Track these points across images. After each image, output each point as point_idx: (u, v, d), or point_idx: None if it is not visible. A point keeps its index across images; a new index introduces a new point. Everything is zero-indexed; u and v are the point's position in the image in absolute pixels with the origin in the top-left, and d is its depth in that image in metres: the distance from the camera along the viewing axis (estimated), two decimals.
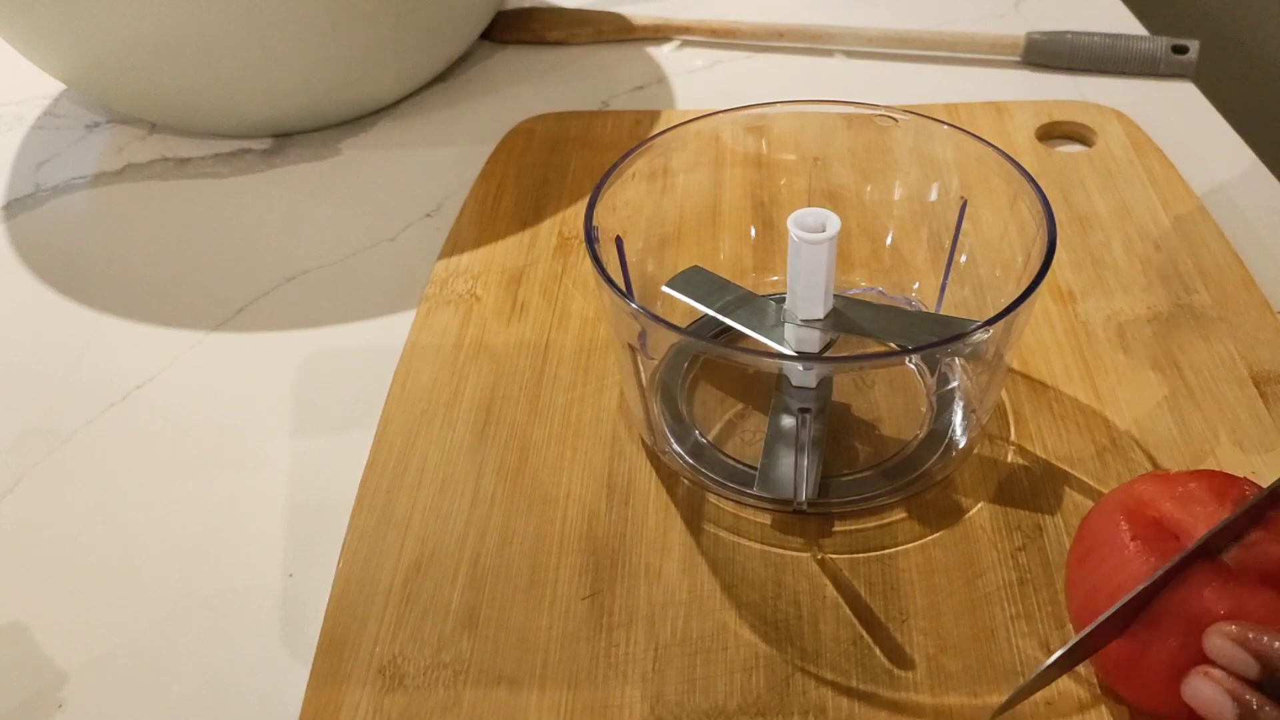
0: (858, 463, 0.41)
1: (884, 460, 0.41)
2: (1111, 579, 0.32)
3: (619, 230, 0.42)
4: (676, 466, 0.42)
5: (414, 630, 0.37)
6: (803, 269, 0.40)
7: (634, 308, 0.36)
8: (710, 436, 0.43)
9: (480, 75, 0.70)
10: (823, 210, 0.39)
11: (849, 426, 0.43)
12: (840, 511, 0.40)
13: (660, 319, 0.36)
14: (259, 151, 0.63)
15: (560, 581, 0.38)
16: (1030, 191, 0.39)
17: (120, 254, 0.56)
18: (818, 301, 0.41)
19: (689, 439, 0.43)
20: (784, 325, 0.42)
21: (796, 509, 0.40)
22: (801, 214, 0.39)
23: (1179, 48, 0.64)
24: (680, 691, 0.34)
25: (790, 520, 0.39)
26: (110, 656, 0.38)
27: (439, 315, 0.49)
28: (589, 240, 0.39)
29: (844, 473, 0.41)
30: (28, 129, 0.67)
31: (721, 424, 0.43)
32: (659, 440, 0.42)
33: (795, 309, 0.41)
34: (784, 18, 0.71)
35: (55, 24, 0.56)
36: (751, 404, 0.44)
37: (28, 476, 0.44)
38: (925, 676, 0.34)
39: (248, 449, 0.45)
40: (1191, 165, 0.56)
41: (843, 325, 0.41)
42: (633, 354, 0.40)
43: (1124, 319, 0.47)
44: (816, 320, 0.41)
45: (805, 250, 0.39)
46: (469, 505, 0.41)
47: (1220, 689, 0.28)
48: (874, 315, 0.43)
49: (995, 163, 0.41)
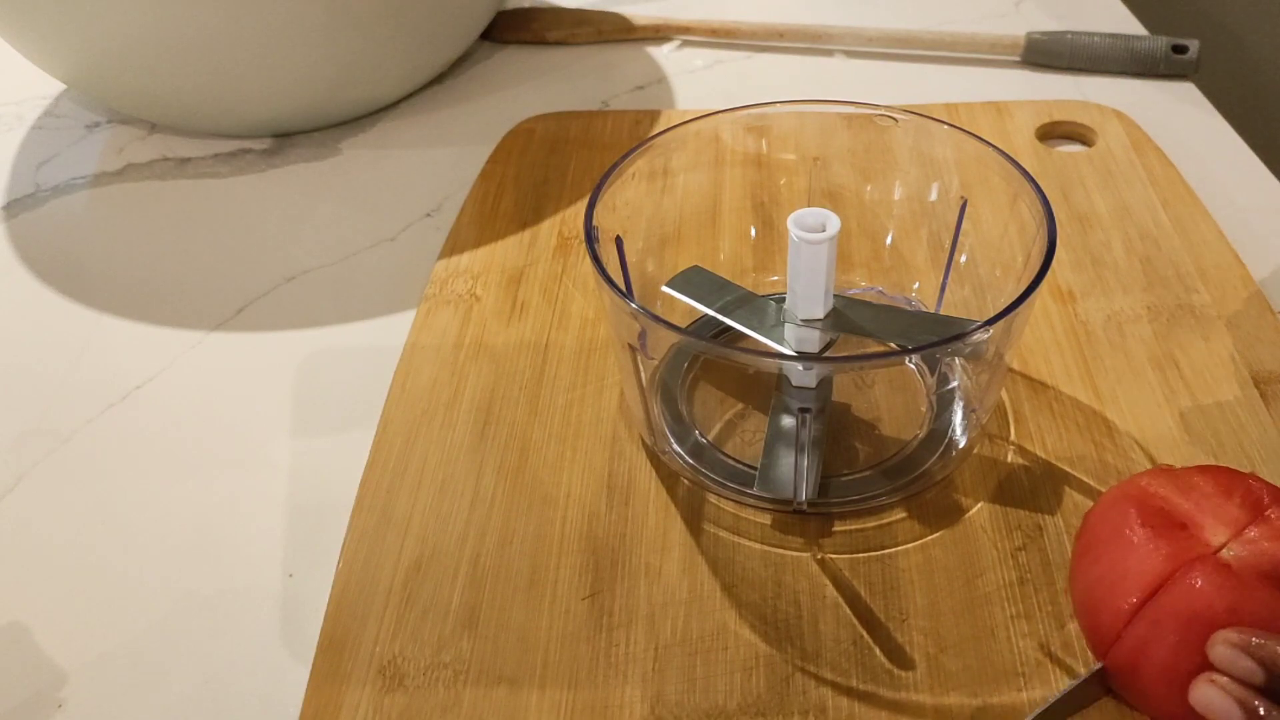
0: (857, 463, 0.41)
1: (884, 460, 0.41)
2: (1118, 566, 0.32)
3: (619, 230, 0.42)
4: (677, 466, 0.42)
5: (414, 630, 0.37)
6: (803, 269, 0.40)
7: (634, 307, 0.36)
8: (710, 436, 0.43)
9: (480, 75, 0.70)
10: (823, 210, 0.39)
11: (849, 426, 0.43)
12: (840, 511, 0.40)
13: (660, 319, 0.36)
14: (259, 151, 0.63)
15: (560, 581, 0.38)
16: (1030, 191, 0.39)
17: (120, 254, 0.56)
18: (818, 301, 0.41)
19: (689, 439, 0.43)
20: (784, 325, 0.42)
21: (796, 509, 0.40)
22: (801, 214, 0.39)
23: (1179, 48, 0.64)
24: (680, 691, 0.34)
25: (790, 520, 0.39)
26: (110, 656, 0.38)
27: (439, 315, 0.49)
28: (589, 240, 0.39)
29: (844, 473, 0.41)
30: (28, 129, 0.67)
31: (721, 424, 0.43)
32: (659, 440, 0.42)
33: (795, 309, 0.41)
34: (784, 18, 0.71)
35: (55, 24, 0.56)
36: (751, 404, 0.44)
37: (28, 476, 0.44)
38: (925, 676, 0.34)
39: (248, 449, 0.45)
40: (1191, 165, 0.56)
41: (843, 325, 0.41)
42: (633, 354, 0.40)
43: (1124, 319, 0.47)
44: (816, 320, 0.41)
45: (805, 250, 0.39)
46: (469, 505, 0.41)
47: (1227, 696, 0.28)
48: (874, 315, 0.43)
49: (995, 162, 0.41)
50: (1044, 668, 0.35)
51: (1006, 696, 0.34)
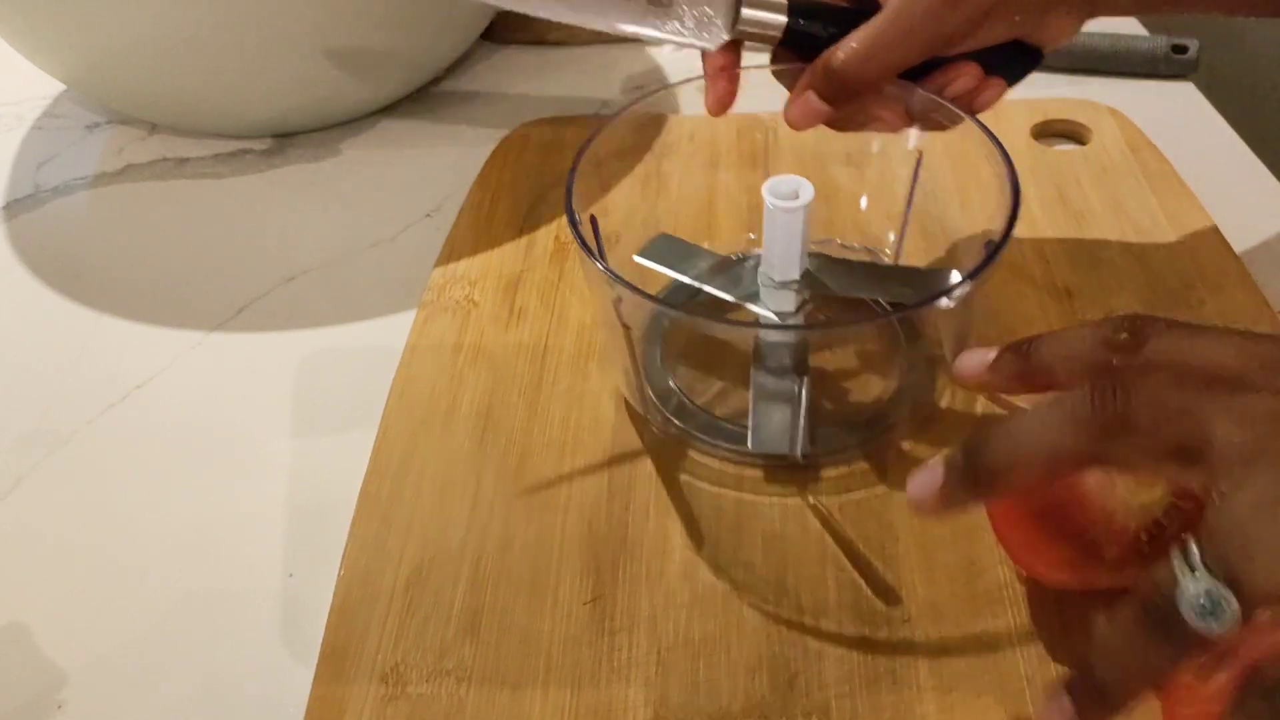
0: (838, 416, 0.43)
1: (860, 412, 0.43)
2: None
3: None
4: (670, 434, 0.42)
5: (416, 637, 0.37)
6: (778, 234, 0.41)
7: (604, 270, 0.37)
8: (699, 402, 0.44)
9: (480, 75, 0.70)
10: (796, 177, 0.41)
11: (826, 382, 0.44)
12: (834, 472, 0.40)
13: (634, 287, 0.36)
14: (259, 151, 0.63)
15: (562, 586, 0.38)
16: (989, 145, 0.40)
17: (120, 254, 0.56)
18: (793, 264, 0.43)
19: (673, 401, 0.44)
20: (760, 288, 0.44)
21: (792, 463, 0.40)
22: (775, 181, 0.41)
23: (1179, 48, 0.64)
24: (684, 694, 0.34)
25: (792, 513, 0.39)
26: (110, 657, 0.38)
27: (436, 322, 0.49)
28: (569, 207, 0.40)
29: (827, 426, 0.42)
30: (28, 129, 0.67)
31: (706, 388, 0.44)
32: (650, 411, 0.43)
33: (771, 272, 0.43)
34: None
35: (55, 24, 0.55)
36: (733, 368, 0.45)
37: (28, 477, 0.44)
38: (929, 677, 0.34)
39: (248, 449, 0.45)
40: (1191, 165, 0.56)
41: (817, 286, 0.43)
42: (620, 328, 0.41)
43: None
44: (792, 282, 0.43)
45: (780, 217, 0.41)
46: (469, 511, 0.41)
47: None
48: (847, 272, 0.45)
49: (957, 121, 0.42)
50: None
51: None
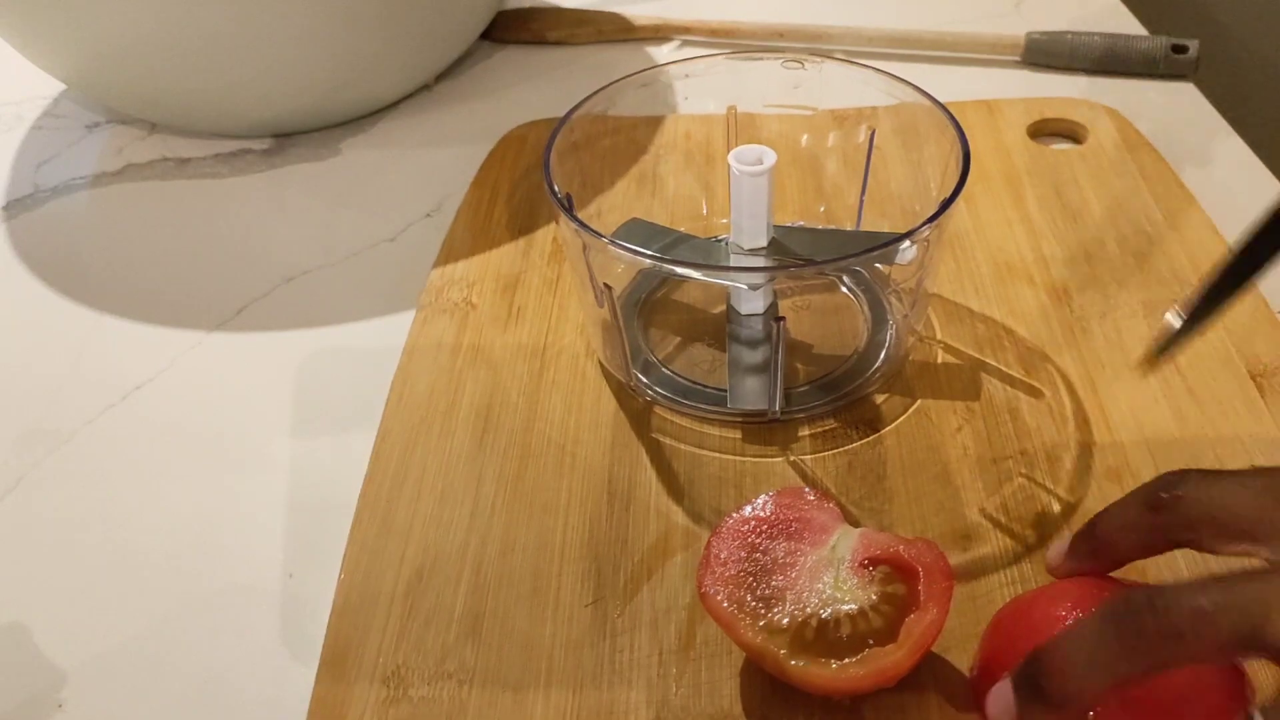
0: (808, 376, 0.45)
1: (829, 373, 0.45)
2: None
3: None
4: (649, 397, 0.44)
5: (417, 640, 0.36)
6: (745, 201, 0.44)
7: (577, 225, 0.39)
8: (674, 367, 0.45)
9: (480, 75, 0.70)
10: (760, 146, 0.43)
11: (795, 346, 0.46)
12: (809, 426, 0.42)
13: (614, 240, 0.39)
14: (259, 151, 0.63)
15: (563, 588, 0.38)
16: (939, 114, 0.43)
17: (120, 254, 0.56)
18: (760, 231, 0.45)
19: (644, 362, 0.45)
20: (731, 258, 0.46)
21: (771, 419, 0.43)
22: (740, 150, 0.43)
23: (1179, 48, 0.64)
24: (686, 696, 0.34)
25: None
26: (110, 656, 0.38)
27: (435, 324, 0.49)
28: (546, 172, 0.42)
29: (800, 385, 0.44)
30: (28, 129, 0.67)
31: (681, 354, 0.46)
32: (631, 376, 0.44)
33: (740, 240, 0.45)
34: (784, 18, 0.71)
35: (55, 24, 0.55)
36: (704, 334, 0.47)
37: (28, 476, 0.44)
38: (929, 676, 0.34)
39: (248, 449, 0.45)
40: (1191, 165, 0.56)
41: (784, 251, 0.46)
42: (597, 293, 0.42)
43: (1120, 314, 0.47)
44: (760, 249, 0.45)
45: (746, 183, 0.43)
46: (469, 514, 0.40)
47: None
48: (812, 239, 0.49)
49: (907, 94, 0.45)
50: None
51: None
